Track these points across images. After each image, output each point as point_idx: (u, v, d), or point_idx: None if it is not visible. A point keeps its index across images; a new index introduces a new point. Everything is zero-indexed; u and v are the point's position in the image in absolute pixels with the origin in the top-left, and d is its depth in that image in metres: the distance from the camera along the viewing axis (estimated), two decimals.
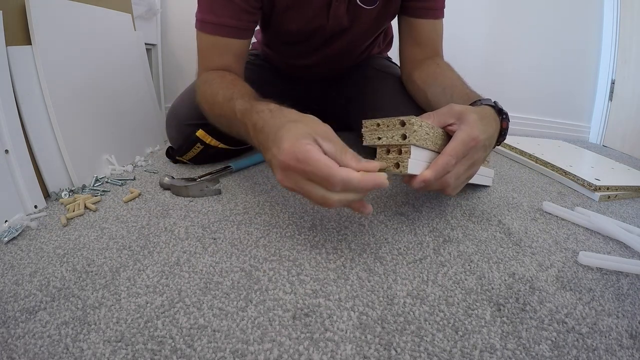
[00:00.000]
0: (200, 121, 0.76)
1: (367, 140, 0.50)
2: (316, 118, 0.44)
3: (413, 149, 0.46)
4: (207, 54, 0.68)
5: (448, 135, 0.50)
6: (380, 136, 0.48)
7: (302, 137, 0.39)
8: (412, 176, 0.46)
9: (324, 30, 0.74)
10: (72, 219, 0.56)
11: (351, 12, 0.73)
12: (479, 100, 0.57)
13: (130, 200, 0.63)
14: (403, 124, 0.46)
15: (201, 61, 0.69)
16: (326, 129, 0.42)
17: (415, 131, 0.45)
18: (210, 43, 0.66)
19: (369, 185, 0.39)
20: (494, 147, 0.56)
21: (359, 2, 0.71)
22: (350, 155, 0.40)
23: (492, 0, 1.47)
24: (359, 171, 0.39)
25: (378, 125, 0.48)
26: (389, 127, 0.47)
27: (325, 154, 0.39)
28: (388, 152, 0.48)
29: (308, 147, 0.38)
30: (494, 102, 0.56)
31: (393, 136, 0.46)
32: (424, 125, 0.47)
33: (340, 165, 0.39)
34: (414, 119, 0.45)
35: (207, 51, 0.67)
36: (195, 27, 0.67)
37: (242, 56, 0.70)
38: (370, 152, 0.49)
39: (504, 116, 0.55)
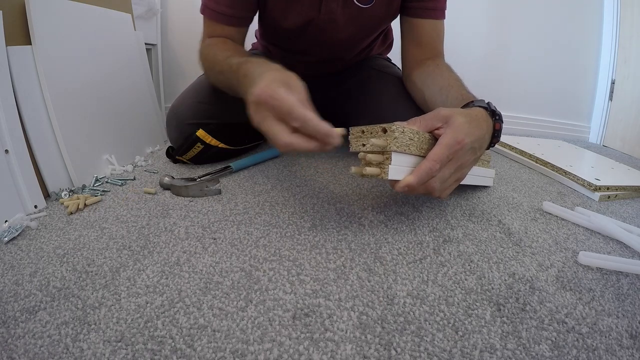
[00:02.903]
0: (200, 121, 0.77)
1: (353, 147, 0.51)
2: (295, 75, 0.49)
3: (394, 155, 0.47)
4: (209, 30, 0.74)
5: (435, 140, 0.50)
6: (365, 143, 0.49)
7: (276, 80, 0.45)
8: (397, 180, 0.47)
9: (315, 23, 0.75)
10: (77, 211, 0.58)
11: (347, 10, 0.73)
12: (472, 101, 0.57)
13: (148, 193, 0.66)
14: (385, 130, 0.46)
15: (205, 31, 0.75)
16: (300, 84, 0.47)
17: (396, 138, 0.46)
18: (211, 24, 0.73)
19: (322, 131, 0.42)
20: (487, 149, 0.56)
21: (355, 1, 0.71)
22: (310, 109, 0.45)
23: (492, 0, 1.47)
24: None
25: (362, 132, 0.49)
26: (372, 134, 0.48)
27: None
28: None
29: (279, 88, 0.44)
30: (487, 103, 0.56)
31: (374, 138, 0.47)
32: (406, 132, 0.47)
33: None
34: (395, 126, 0.46)
35: (209, 28, 0.74)
36: (200, 10, 0.73)
37: (242, 37, 0.77)
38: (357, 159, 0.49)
39: (497, 117, 0.54)
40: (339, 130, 0.44)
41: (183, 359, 0.32)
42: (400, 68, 0.86)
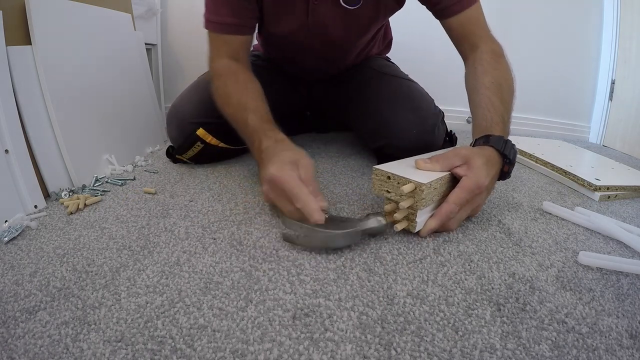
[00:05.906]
0: (200, 120, 0.77)
1: (376, 190, 0.51)
2: (304, 153, 0.54)
3: (419, 213, 0.49)
4: (215, 46, 0.73)
5: (453, 178, 0.52)
6: (389, 190, 0.50)
7: (287, 163, 0.50)
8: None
9: (306, 27, 0.75)
10: (77, 211, 0.58)
11: (335, 12, 0.73)
12: (489, 137, 0.56)
13: (148, 193, 0.66)
14: (412, 188, 0.47)
15: (211, 49, 0.74)
16: (307, 162, 0.52)
17: (423, 198, 0.47)
18: (216, 38, 0.72)
19: (313, 217, 0.47)
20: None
21: (342, 3, 0.71)
22: (312, 187, 0.50)
23: (492, 1, 1.47)
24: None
25: (388, 178, 0.49)
26: (399, 184, 0.49)
27: (300, 177, 0.50)
28: (396, 207, 0.50)
29: (290, 171, 0.49)
30: (505, 142, 0.55)
31: (402, 195, 0.48)
32: (432, 185, 0.48)
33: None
34: (424, 185, 0.46)
35: (215, 44, 0.73)
36: (203, 26, 0.73)
37: (248, 46, 0.76)
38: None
39: (507, 160, 0.56)
40: (321, 219, 0.47)
41: (183, 359, 0.32)
42: (399, 67, 0.86)
